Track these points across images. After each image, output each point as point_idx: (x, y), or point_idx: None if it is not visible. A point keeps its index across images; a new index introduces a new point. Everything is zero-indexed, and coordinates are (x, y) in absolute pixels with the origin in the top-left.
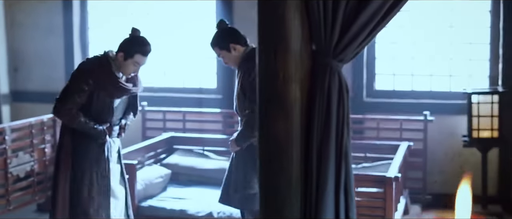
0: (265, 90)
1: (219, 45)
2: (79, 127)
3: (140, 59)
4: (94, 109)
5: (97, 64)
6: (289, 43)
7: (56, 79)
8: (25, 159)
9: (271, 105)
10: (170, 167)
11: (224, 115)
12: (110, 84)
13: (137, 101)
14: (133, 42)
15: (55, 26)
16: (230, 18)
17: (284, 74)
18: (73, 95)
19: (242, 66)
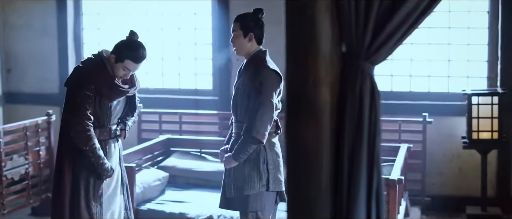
0: (294, 95)
1: (242, 23)
2: (90, 150)
3: (130, 65)
4: (93, 114)
5: (93, 66)
6: (319, 45)
7: (50, 80)
8: (20, 162)
9: (300, 110)
10: (168, 170)
11: (220, 116)
12: (107, 86)
13: (135, 101)
14: (127, 47)
15: (48, 27)
16: (226, 19)
17: (314, 78)
18: (83, 107)
19: (249, 67)
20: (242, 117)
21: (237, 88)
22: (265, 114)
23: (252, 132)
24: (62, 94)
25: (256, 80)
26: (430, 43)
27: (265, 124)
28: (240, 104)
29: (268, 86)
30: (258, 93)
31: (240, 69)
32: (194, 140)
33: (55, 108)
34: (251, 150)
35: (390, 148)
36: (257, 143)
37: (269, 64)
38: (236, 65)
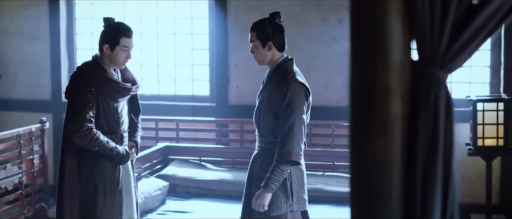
0: (361, 106)
1: (259, 32)
2: (100, 148)
3: (127, 42)
4: (102, 119)
5: (90, 69)
6: (390, 52)
7: (42, 87)
8: (13, 171)
9: (368, 122)
10: (167, 179)
11: (218, 123)
12: (109, 86)
13: (138, 101)
14: (113, 29)
15: (41, 32)
16: (224, 23)
17: (384, 88)
18: (83, 110)
19: (273, 78)
20: (266, 132)
21: (261, 100)
22: (298, 133)
23: (286, 155)
24: (54, 100)
25: (281, 94)
26: None
27: (299, 143)
28: (263, 119)
29: (297, 103)
30: (287, 111)
31: (264, 79)
32: (193, 147)
33: (48, 115)
34: (286, 174)
35: None
36: (292, 164)
37: (297, 77)
38: (235, 71)
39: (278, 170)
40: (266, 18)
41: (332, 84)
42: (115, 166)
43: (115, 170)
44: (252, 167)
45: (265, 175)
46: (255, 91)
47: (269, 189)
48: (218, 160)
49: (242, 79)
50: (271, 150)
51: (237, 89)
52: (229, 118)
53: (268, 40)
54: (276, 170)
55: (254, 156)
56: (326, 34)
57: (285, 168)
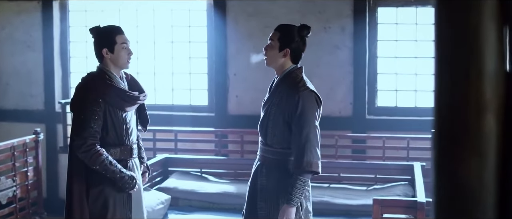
0: (450, 122)
1: (282, 35)
2: (101, 168)
3: (123, 38)
4: (110, 130)
5: (95, 79)
6: (484, 62)
7: (34, 96)
8: (7, 184)
9: (458, 141)
10: (169, 192)
11: (218, 134)
12: (117, 95)
13: (146, 112)
14: (104, 32)
15: (33, 40)
16: (223, 31)
17: (477, 103)
18: (88, 124)
19: (283, 86)
20: (275, 143)
21: (268, 109)
22: (315, 141)
23: (307, 166)
24: (48, 110)
25: (293, 103)
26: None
27: (316, 152)
28: (271, 128)
29: (310, 111)
30: (301, 120)
31: (272, 87)
32: (194, 159)
33: (41, 126)
34: (307, 186)
35: (400, 166)
36: (313, 174)
37: (308, 85)
38: (234, 80)
39: (300, 183)
40: (296, 26)
41: (334, 94)
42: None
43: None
44: (256, 178)
45: (271, 187)
46: (255, 101)
47: (294, 204)
48: (219, 172)
49: (242, 89)
50: (280, 160)
51: (236, 98)
52: (229, 128)
53: (287, 46)
54: (297, 183)
55: (258, 167)
56: (327, 42)
57: (306, 180)
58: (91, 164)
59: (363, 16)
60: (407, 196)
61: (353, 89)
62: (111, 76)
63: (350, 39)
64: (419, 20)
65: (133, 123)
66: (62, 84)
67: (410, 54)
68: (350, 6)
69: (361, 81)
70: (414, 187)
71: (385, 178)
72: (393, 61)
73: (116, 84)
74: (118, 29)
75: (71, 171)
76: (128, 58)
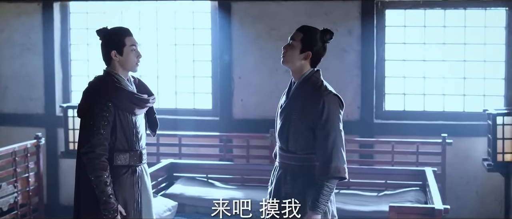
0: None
1: (305, 37)
2: (95, 181)
3: (132, 40)
4: (119, 135)
5: (104, 82)
6: None
7: (34, 100)
8: (9, 190)
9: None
10: (175, 198)
11: (222, 138)
12: (126, 98)
13: (155, 116)
14: (113, 34)
15: (33, 42)
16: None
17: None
18: (98, 130)
19: (302, 91)
20: (298, 149)
21: (288, 115)
22: (341, 146)
23: (334, 172)
24: (48, 114)
25: (318, 108)
26: (444, 60)
27: (343, 157)
28: (294, 135)
29: (335, 115)
30: (326, 125)
31: (289, 91)
32: (199, 164)
33: (41, 130)
34: (333, 192)
35: (411, 172)
36: (340, 180)
37: (330, 88)
38: (239, 84)
39: (326, 189)
40: (318, 29)
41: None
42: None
43: (134, 190)
44: (279, 186)
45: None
46: (260, 105)
47: (320, 211)
48: (226, 177)
49: (247, 92)
50: (305, 167)
51: (241, 102)
52: (234, 132)
53: (309, 49)
54: (324, 189)
55: (281, 175)
56: (334, 45)
57: (333, 186)
58: (89, 172)
59: (370, 19)
60: (419, 202)
61: (361, 93)
62: (119, 79)
63: (358, 42)
64: (428, 23)
65: (143, 128)
66: (63, 88)
67: (418, 57)
68: (357, 8)
69: (369, 84)
70: (425, 193)
71: (395, 183)
72: (401, 65)
73: (125, 87)
74: (127, 31)
75: (79, 178)
76: (137, 61)
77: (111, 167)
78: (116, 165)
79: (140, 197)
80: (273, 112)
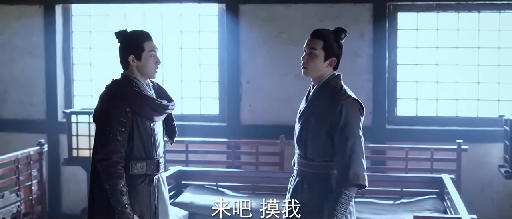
0: None
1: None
2: (110, 190)
3: (152, 45)
4: (137, 142)
5: (123, 87)
6: None
7: (35, 105)
8: (11, 199)
9: None
10: (185, 207)
11: (231, 145)
12: (145, 103)
13: (173, 122)
14: (132, 38)
15: (34, 46)
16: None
17: None
18: (115, 136)
19: (322, 95)
20: (316, 156)
21: (306, 120)
22: (360, 153)
23: (353, 179)
24: (50, 120)
25: (336, 113)
26: (457, 64)
27: (362, 163)
28: (313, 141)
29: (354, 121)
30: (345, 130)
31: (308, 96)
32: (208, 171)
33: (42, 136)
34: (351, 200)
35: (428, 179)
36: (359, 188)
37: (350, 93)
38: (247, 88)
39: (344, 197)
40: (330, 30)
41: None
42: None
43: (151, 200)
44: (296, 194)
45: (314, 203)
46: (269, 110)
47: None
48: (236, 185)
49: (255, 97)
50: (322, 175)
51: (249, 107)
52: (242, 138)
53: (333, 55)
54: (342, 197)
55: (298, 182)
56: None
57: (352, 194)
58: (104, 180)
59: (382, 22)
60: (438, 210)
61: (372, 98)
62: (138, 84)
63: (369, 45)
64: (441, 26)
65: (161, 135)
66: (65, 93)
67: (431, 61)
68: (369, 11)
69: (381, 89)
70: (443, 201)
71: (411, 191)
72: (413, 69)
73: (144, 92)
74: (146, 35)
75: (94, 186)
76: (156, 67)
77: (127, 176)
78: (133, 174)
79: (157, 208)
80: (283, 117)
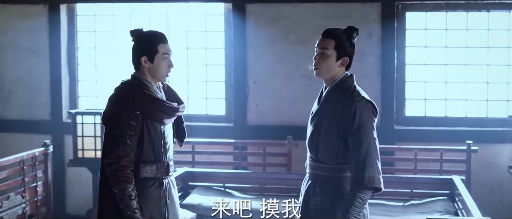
0: None
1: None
2: (119, 195)
3: (166, 48)
4: (146, 145)
5: (133, 89)
6: None
7: (40, 105)
8: (17, 201)
9: None
10: (193, 209)
11: (238, 145)
12: (155, 106)
13: (183, 125)
14: (146, 38)
15: (38, 45)
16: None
17: None
18: (124, 140)
19: (334, 97)
20: (328, 158)
21: (318, 122)
22: (375, 155)
23: (369, 182)
24: (54, 121)
25: (350, 115)
26: (466, 64)
27: (377, 166)
28: (325, 143)
29: (368, 123)
30: (359, 133)
31: (321, 97)
32: (215, 173)
33: (47, 137)
34: (366, 204)
35: (438, 180)
36: (374, 192)
37: (363, 94)
38: (254, 88)
39: (359, 201)
40: (342, 29)
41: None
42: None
43: (161, 204)
44: (308, 198)
45: (327, 207)
46: (276, 110)
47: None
48: (244, 187)
49: (262, 97)
50: (335, 178)
51: (256, 108)
52: (248, 139)
53: (346, 55)
54: (356, 200)
55: (310, 186)
56: None
57: (366, 197)
58: (112, 185)
59: (391, 21)
60: (449, 212)
61: (381, 98)
62: (148, 86)
63: (378, 45)
64: (449, 25)
65: (171, 138)
66: (70, 93)
67: (440, 61)
68: (377, 10)
69: (389, 89)
70: (454, 202)
71: (421, 192)
72: (422, 69)
73: (154, 94)
74: (161, 37)
75: (103, 190)
76: (168, 71)
77: (136, 180)
78: (142, 177)
79: (167, 212)
80: (290, 118)
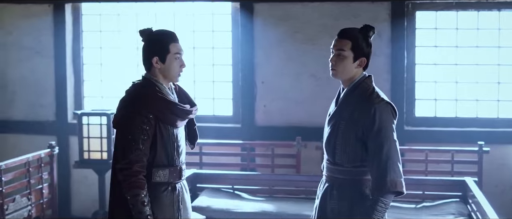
0: None
1: (355, 44)
2: (131, 201)
3: (177, 48)
4: (159, 149)
5: (145, 91)
6: None
7: (44, 106)
8: (22, 203)
9: None
10: (202, 211)
11: (246, 147)
12: (168, 109)
13: (195, 127)
14: (157, 38)
15: (43, 45)
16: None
17: None
18: (137, 145)
19: (352, 98)
20: (346, 161)
21: (336, 124)
22: (396, 159)
23: (391, 186)
24: (59, 121)
25: (369, 117)
26: (477, 63)
27: (399, 169)
28: (343, 146)
29: (388, 125)
30: (379, 136)
31: (338, 98)
32: (224, 174)
33: (52, 138)
34: (388, 208)
35: (450, 182)
36: (396, 195)
37: (382, 96)
38: (262, 89)
39: (381, 205)
40: (358, 29)
41: None
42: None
43: (174, 209)
44: (325, 202)
45: (345, 211)
46: (284, 111)
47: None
48: (253, 189)
49: (271, 98)
50: (353, 181)
51: (264, 108)
52: (257, 140)
53: (363, 56)
54: (379, 205)
55: (327, 189)
56: None
57: (388, 201)
58: (125, 191)
59: (400, 21)
60: (462, 215)
61: (391, 98)
62: (160, 88)
63: (387, 45)
64: (460, 25)
65: (183, 141)
66: (75, 93)
67: (450, 61)
68: (387, 10)
69: (399, 90)
70: (466, 204)
71: (432, 194)
72: (432, 69)
73: (166, 96)
74: (172, 36)
75: (114, 196)
76: (180, 71)
77: (149, 184)
78: (155, 182)
79: (180, 217)
80: (298, 118)
